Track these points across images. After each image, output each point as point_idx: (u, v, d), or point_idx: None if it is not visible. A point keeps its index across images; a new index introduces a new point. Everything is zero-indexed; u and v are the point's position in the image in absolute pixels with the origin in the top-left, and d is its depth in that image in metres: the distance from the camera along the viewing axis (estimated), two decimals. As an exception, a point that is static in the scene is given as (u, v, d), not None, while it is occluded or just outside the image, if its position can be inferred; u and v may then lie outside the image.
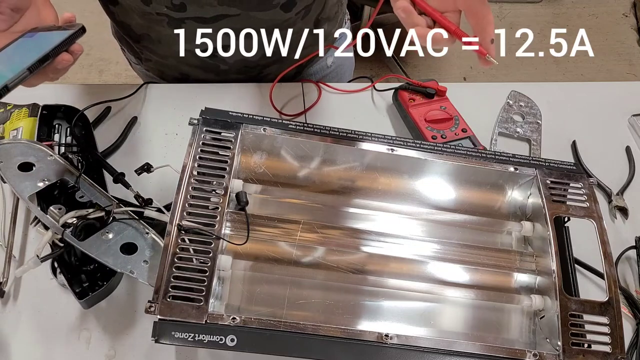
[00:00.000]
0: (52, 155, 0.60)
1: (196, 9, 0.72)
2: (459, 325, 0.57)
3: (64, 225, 0.55)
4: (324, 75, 0.92)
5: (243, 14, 0.74)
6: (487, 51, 0.50)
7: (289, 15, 0.77)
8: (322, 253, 0.57)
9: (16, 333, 0.59)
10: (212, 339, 0.47)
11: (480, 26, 0.50)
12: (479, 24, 0.50)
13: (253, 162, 0.61)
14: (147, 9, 0.73)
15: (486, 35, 0.50)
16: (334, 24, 0.88)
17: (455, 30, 0.51)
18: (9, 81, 0.48)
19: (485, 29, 0.50)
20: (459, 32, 0.51)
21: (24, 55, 0.52)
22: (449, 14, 0.52)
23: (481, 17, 0.50)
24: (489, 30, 0.50)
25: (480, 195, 0.64)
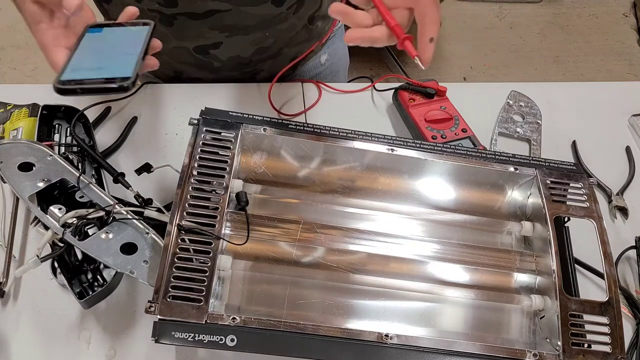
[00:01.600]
0: (52, 155, 0.60)
1: (187, 5, 0.72)
2: (459, 325, 0.57)
3: (64, 225, 0.55)
4: (318, 72, 0.92)
5: (234, 9, 0.74)
6: (422, 50, 0.49)
7: (280, 10, 0.77)
8: (322, 253, 0.57)
9: (16, 333, 0.59)
10: (212, 339, 0.47)
11: (422, 23, 0.50)
12: (422, 21, 0.50)
13: (253, 162, 0.61)
14: (139, 5, 0.73)
15: (425, 33, 0.49)
16: (328, 21, 0.88)
17: (394, 27, 0.49)
18: (138, 69, 0.47)
19: (425, 27, 0.49)
20: (397, 29, 0.49)
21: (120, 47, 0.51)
22: (398, 11, 0.51)
23: (425, 15, 0.49)
24: (430, 28, 0.49)
25: (480, 195, 0.64)
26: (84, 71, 0.48)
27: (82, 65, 0.48)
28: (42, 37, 0.52)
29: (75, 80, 0.46)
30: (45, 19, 0.52)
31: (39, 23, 0.52)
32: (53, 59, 0.51)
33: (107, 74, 0.47)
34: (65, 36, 0.53)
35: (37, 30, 0.52)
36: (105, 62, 0.49)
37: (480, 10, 2.34)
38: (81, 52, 0.50)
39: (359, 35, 0.50)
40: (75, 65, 0.48)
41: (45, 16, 0.52)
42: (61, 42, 0.52)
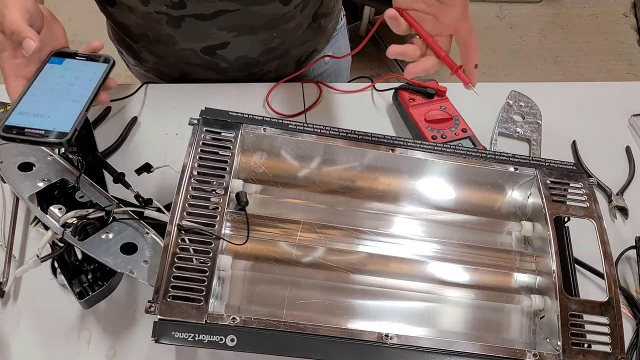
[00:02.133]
0: (52, 155, 0.60)
1: (196, 6, 0.72)
2: (459, 325, 0.57)
3: (64, 225, 0.55)
4: (322, 71, 0.93)
5: (243, 9, 0.74)
6: (469, 75, 0.56)
7: (288, 9, 0.77)
8: (322, 253, 0.57)
9: (16, 333, 0.59)
10: (212, 339, 0.47)
11: (466, 52, 0.56)
12: (466, 51, 0.56)
13: (253, 162, 0.61)
14: (146, 8, 0.73)
15: (470, 61, 0.56)
16: (331, 19, 0.88)
17: (444, 57, 0.56)
18: (77, 125, 0.51)
19: (470, 56, 0.56)
20: (448, 60, 0.57)
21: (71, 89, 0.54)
22: (440, 38, 0.57)
23: (468, 44, 0.56)
24: (474, 57, 0.56)
25: (480, 195, 0.64)
26: (29, 117, 0.51)
27: (29, 109, 0.51)
28: (4, 66, 0.54)
29: (17, 128, 0.50)
30: (8, 48, 0.54)
31: (2, 51, 0.54)
32: (9, 90, 0.54)
33: (48, 125, 0.50)
34: (26, 66, 0.55)
35: (1, 58, 0.54)
36: (52, 108, 0.52)
37: (480, 10, 2.34)
38: (34, 90, 0.53)
39: (418, 69, 0.57)
40: (23, 109, 0.51)
41: (8, 45, 0.54)
42: (21, 71, 0.55)
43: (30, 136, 0.49)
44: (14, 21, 0.52)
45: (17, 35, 0.52)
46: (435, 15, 0.56)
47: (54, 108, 0.52)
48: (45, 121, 0.50)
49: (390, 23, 0.57)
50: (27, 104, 0.52)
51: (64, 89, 0.54)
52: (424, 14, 0.57)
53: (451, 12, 0.56)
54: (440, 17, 0.56)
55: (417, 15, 0.57)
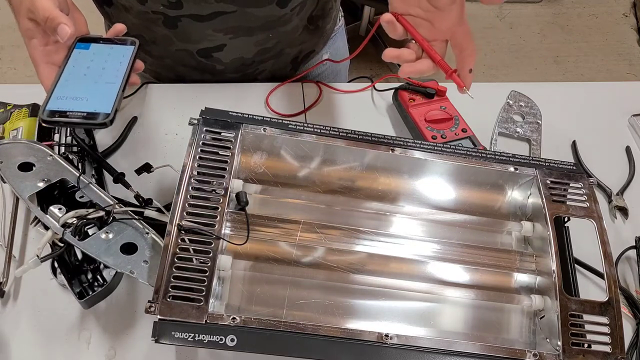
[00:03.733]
0: (52, 155, 0.60)
1: (192, 6, 0.72)
2: (459, 325, 0.57)
3: (64, 225, 0.55)
4: (320, 72, 0.93)
5: (239, 10, 0.74)
6: (464, 79, 0.56)
7: (285, 11, 0.77)
8: (322, 253, 0.57)
9: (16, 333, 0.59)
10: (212, 339, 0.47)
11: (462, 57, 0.56)
12: (461, 55, 0.56)
13: (253, 162, 0.61)
14: (143, 7, 0.73)
15: (465, 65, 0.56)
16: (328, 20, 0.88)
17: (439, 61, 0.57)
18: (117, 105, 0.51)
19: (465, 60, 0.56)
20: (443, 64, 0.57)
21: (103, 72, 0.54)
22: (436, 43, 0.57)
23: (464, 49, 0.56)
24: (469, 61, 0.56)
25: (480, 195, 0.64)
26: (68, 101, 0.51)
27: (66, 94, 0.51)
28: (34, 53, 0.55)
29: (59, 112, 0.50)
30: (38, 35, 0.54)
31: (32, 39, 0.54)
32: (42, 77, 0.54)
33: (88, 108, 0.50)
34: (56, 52, 0.55)
35: (30, 45, 0.55)
36: (88, 90, 0.52)
37: (480, 10, 2.34)
38: (67, 75, 0.53)
39: (411, 70, 0.57)
40: (59, 93, 0.51)
41: (38, 32, 0.54)
42: (52, 58, 0.55)
43: (74, 118, 0.49)
44: (47, 8, 0.52)
45: (52, 22, 0.52)
46: (431, 20, 0.57)
47: (91, 91, 0.52)
48: (84, 104, 0.51)
49: (386, 27, 0.57)
50: (63, 88, 0.52)
51: (96, 72, 0.54)
52: (420, 19, 0.57)
53: (447, 17, 0.56)
54: (436, 23, 0.57)
55: (413, 20, 0.57)
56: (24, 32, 0.54)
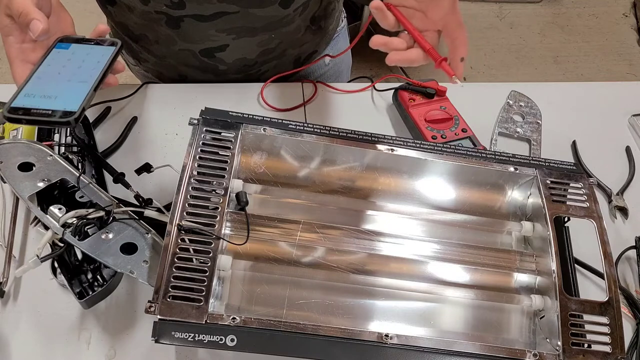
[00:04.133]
0: (52, 155, 0.60)
1: (195, 6, 0.72)
2: (459, 325, 0.57)
3: (64, 225, 0.55)
4: (322, 73, 0.93)
5: (242, 11, 0.74)
6: (455, 68, 0.56)
7: (287, 12, 0.77)
8: (322, 253, 0.57)
9: (16, 333, 0.59)
10: (212, 339, 0.47)
11: (453, 45, 0.56)
12: (453, 44, 0.56)
13: (253, 162, 0.61)
14: (146, 7, 0.73)
15: (457, 55, 0.56)
16: (331, 21, 0.88)
17: (429, 50, 0.56)
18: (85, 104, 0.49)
19: (457, 48, 0.56)
20: (433, 52, 0.56)
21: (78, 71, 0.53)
22: (428, 33, 0.57)
23: (455, 38, 0.56)
24: (461, 50, 0.56)
25: (480, 195, 0.64)
26: (35, 98, 0.49)
27: (35, 91, 0.50)
28: (9, 50, 0.54)
29: (24, 109, 0.48)
30: (15, 32, 0.53)
31: (9, 36, 0.54)
32: (14, 74, 0.53)
33: (54, 106, 0.48)
34: (33, 50, 0.54)
35: (6, 42, 0.54)
36: (59, 89, 0.50)
37: (480, 10, 2.34)
38: (41, 73, 0.52)
39: (400, 58, 0.56)
40: (29, 90, 0.50)
41: (15, 29, 0.53)
42: (27, 56, 0.54)
43: (37, 116, 0.48)
44: (22, 3, 0.51)
45: (25, 17, 0.51)
46: (424, 11, 0.57)
47: (62, 89, 0.50)
48: (52, 102, 0.49)
49: (375, 15, 0.57)
50: (34, 86, 0.51)
51: (71, 71, 0.53)
52: (413, 10, 0.57)
53: (439, 7, 0.56)
54: (429, 13, 0.57)
55: (406, 11, 0.57)
56: (1, 28, 0.53)
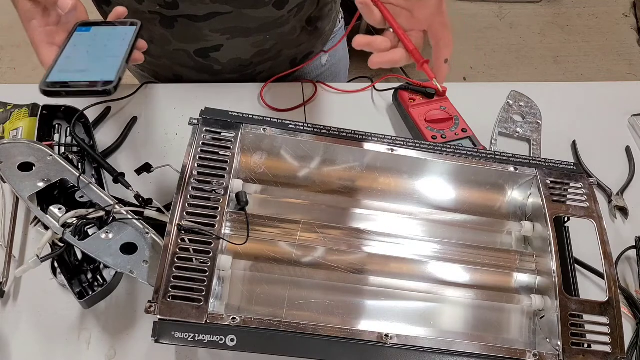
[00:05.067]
0: (52, 155, 0.60)
1: (188, 7, 0.72)
2: (459, 325, 0.57)
3: (64, 225, 0.55)
4: (319, 74, 0.93)
5: (235, 11, 0.74)
6: (437, 69, 0.56)
7: (282, 13, 0.77)
8: (322, 253, 0.57)
9: (16, 333, 0.59)
10: (212, 339, 0.47)
11: (437, 47, 0.56)
12: (437, 45, 0.56)
13: (253, 162, 0.61)
14: (140, 7, 0.73)
15: (440, 56, 0.55)
16: (328, 22, 0.88)
17: (412, 50, 0.56)
18: (121, 73, 0.49)
19: (441, 50, 0.56)
20: (415, 53, 0.56)
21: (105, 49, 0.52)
22: (414, 33, 0.56)
23: (440, 39, 0.56)
24: (444, 52, 0.55)
25: (480, 195, 0.64)
26: (70, 73, 0.49)
27: (68, 67, 0.50)
28: (34, 34, 0.53)
29: (61, 83, 0.48)
30: (38, 16, 0.53)
31: (31, 20, 0.53)
32: (42, 57, 0.52)
33: (91, 77, 0.48)
34: (56, 33, 0.54)
35: (29, 27, 0.53)
36: (91, 64, 0.51)
37: (480, 10, 2.34)
38: (68, 52, 0.52)
39: (382, 60, 0.55)
40: (61, 67, 0.50)
41: (38, 13, 0.53)
42: (52, 39, 0.54)
43: (76, 87, 0.48)
44: None
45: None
46: (410, 9, 0.56)
47: (93, 64, 0.51)
48: (87, 74, 0.49)
49: (361, 10, 0.56)
50: (65, 63, 0.51)
51: (99, 49, 0.53)
52: (399, 9, 0.56)
53: (426, 6, 0.55)
54: (415, 12, 0.56)
55: (392, 9, 0.57)
56: (23, 14, 0.53)
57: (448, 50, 0.55)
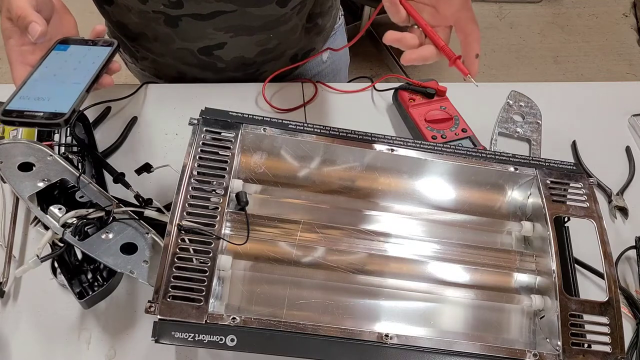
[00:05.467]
0: (52, 155, 0.60)
1: (193, 6, 0.72)
2: (459, 325, 0.57)
3: (64, 225, 0.55)
4: (320, 70, 0.93)
5: (239, 10, 0.74)
6: (469, 65, 0.55)
7: (285, 11, 0.77)
8: (322, 253, 0.57)
9: (16, 333, 0.59)
10: (212, 339, 0.47)
11: (467, 42, 0.55)
12: (466, 40, 0.55)
13: (253, 162, 0.61)
14: (144, 7, 0.73)
15: (471, 51, 0.54)
16: (328, 18, 0.88)
17: (443, 47, 0.55)
18: (75, 105, 0.50)
19: (471, 45, 0.54)
20: (447, 50, 0.55)
21: (73, 73, 0.54)
22: (440, 29, 0.56)
23: (469, 34, 0.55)
24: (475, 46, 0.54)
25: (480, 195, 0.64)
26: (29, 101, 0.51)
27: (30, 94, 0.52)
28: (10, 53, 0.54)
29: (17, 112, 0.50)
30: (15, 35, 0.54)
31: (9, 38, 0.55)
32: (14, 76, 0.54)
33: (47, 108, 0.50)
34: (32, 53, 0.55)
35: (7, 45, 0.54)
36: (53, 91, 0.52)
37: (480, 10, 2.34)
38: (37, 76, 0.53)
39: (415, 57, 0.55)
40: (24, 93, 0.52)
41: (15, 32, 0.54)
42: (27, 58, 0.55)
43: (28, 118, 0.50)
44: (20, 6, 0.52)
45: (23, 20, 0.52)
46: (435, 6, 0.56)
47: (55, 91, 0.52)
48: (45, 104, 0.51)
49: (388, 9, 0.56)
50: (29, 88, 0.52)
51: (66, 73, 0.54)
52: (423, 5, 0.56)
53: (451, 3, 0.55)
54: (441, 8, 0.56)
55: (416, 6, 0.56)
56: (3, 32, 0.54)
57: (477, 44, 0.55)
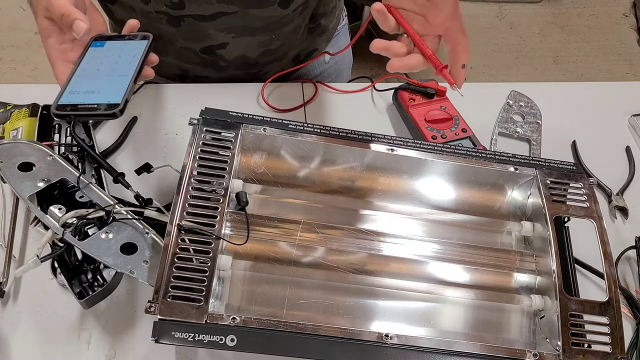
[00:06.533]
0: (52, 155, 0.60)
1: (195, 7, 0.72)
2: (459, 325, 0.57)
3: (64, 225, 0.55)
4: (322, 70, 0.93)
5: (241, 11, 0.74)
6: (455, 75, 0.55)
7: (287, 12, 0.77)
8: (322, 253, 0.57)
9: (16, 333, 0.59)
10: (212, 339, 0.47)
11: (455, 52, 0.56)
12: (454, 50, 0.56)
13: (253, 162, 0.61)
14: (146, 7, 0.73)
15: (458, 61, 0.55)
16: (331, 19, 0.88)
17: (430, 56, 0.56)
18: (127, 95, 0.51)
19: (458, 55, 0.55)
20: (434, 59, 0.55)
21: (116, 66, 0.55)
22: (429, 38, 0.56)
23: (457, 44, 0.55)
24: (462, 57, 0.55)
25: (480, 195, 0.64)
26: (80, 94, 0.51)
27: (78, 88, 0.52)
28: (50, 51, 0.55)
29: (71, 105, 0.50)
30: (54, 34, 0.54)
31: (49, 37, 0.55)
32: (57, 74, 0.54)
33: (99, 100, 0.51)
34: (72, 50, 0.55)
35: (46, 44, 0.55)
36: (100, 84, 0.52)
37: (480, 10, 2.34)
38: (81, 71, 0.54)
39: (401, 65, 0.56)
40: (72, 88, 0.52)
41: (54, 31, 0.54)
42: (67, 56, 0.55)
43: (84, 111, 0.50)
44: (62, 4, 0.52)
45: (67, 18, 0.52)
46: (424, 15, 0.56)
47: (103, 84, 0.52)
48: (96, 96, 0.51)
49: (376, 17, 0.56)
50: (76, 83, 0.53)
51: (110, 67, 0.54)
52: (413, 14, 0.56)
53: (440, 12, 0.55)
54: (430, 17, 0.56)
55: (406, 14, 0.57)
56: (42, 31, 0.54)
57: (465, 55, 0.55)
